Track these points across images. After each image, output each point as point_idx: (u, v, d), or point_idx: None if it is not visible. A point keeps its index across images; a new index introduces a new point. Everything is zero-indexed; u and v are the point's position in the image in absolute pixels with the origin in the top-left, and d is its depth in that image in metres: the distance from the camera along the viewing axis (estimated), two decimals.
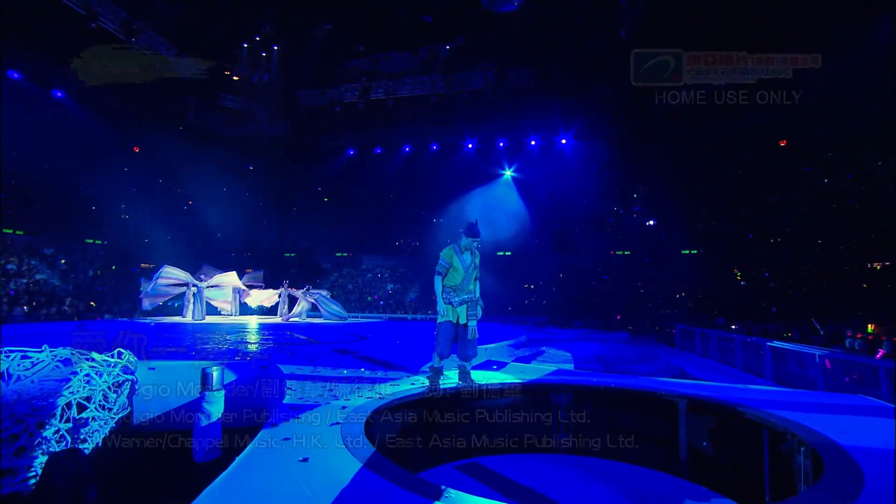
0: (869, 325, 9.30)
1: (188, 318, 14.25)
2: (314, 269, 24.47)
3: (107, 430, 5.43)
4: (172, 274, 14.06)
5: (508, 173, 24.67)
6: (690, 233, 23.66)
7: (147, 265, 21.16)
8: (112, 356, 5.81)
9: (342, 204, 25.77)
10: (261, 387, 5.42)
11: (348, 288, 24.02)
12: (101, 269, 19.71)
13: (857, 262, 19.19)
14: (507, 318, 19.77)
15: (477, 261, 5.47)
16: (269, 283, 17.74)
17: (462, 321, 5.23)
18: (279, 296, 16.13)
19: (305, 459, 2.88)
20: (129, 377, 5.88)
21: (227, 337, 9.79)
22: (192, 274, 14.65)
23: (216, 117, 19.86)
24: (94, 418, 5.23)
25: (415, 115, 19.60)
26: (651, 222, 26.12)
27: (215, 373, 4.79)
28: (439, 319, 5.25)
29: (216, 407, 4.73)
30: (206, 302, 14.35)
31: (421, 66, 16.74)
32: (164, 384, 6.20)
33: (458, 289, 5.27)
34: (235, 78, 18.05)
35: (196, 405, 4.68)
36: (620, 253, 25.59)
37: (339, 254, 26.09)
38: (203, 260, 18.47)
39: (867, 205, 19.52)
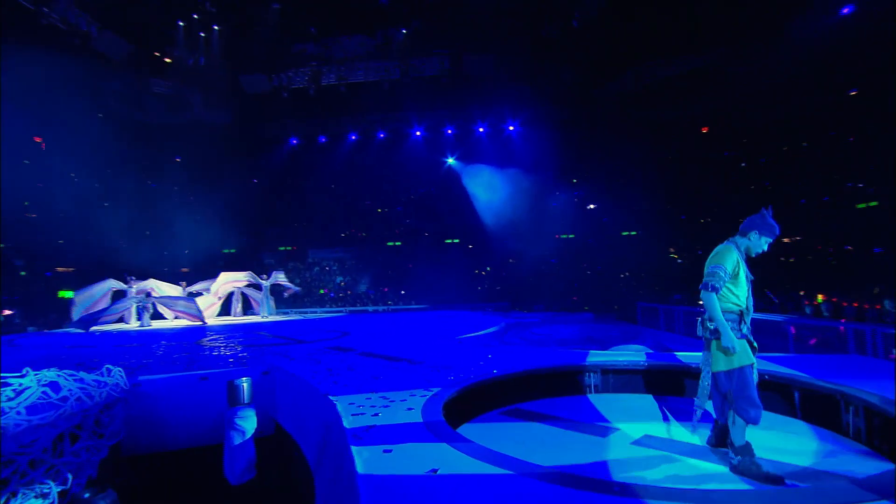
0: (819, 295, 10.36)
1: (132, 325, 12.93)
2: (256, 264, 23.12)
3: (97, 461, 4.75)
4: (114, 286, 12.79)
5: (451, 161, 24.67)
6: (629, 215, 24.87)
7: (64, 269, 18.89)
8: (101, 374, 5.08)
9: (285, 195, 24.49)
10: (278, 392, 4.96)
11: (296, 282, 22.95)
12: (5, 275, 17.28)
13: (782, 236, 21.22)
14: (465, 306, 19.87)
15: None
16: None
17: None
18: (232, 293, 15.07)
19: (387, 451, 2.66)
20: (121, 397, 5.17)
21: (200, 343, 8.94)
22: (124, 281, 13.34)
23: (144, 103, 17.87)
24: (87, 448, 4.55)
25: (367, 101, 18.90)
26: (592, 206, 27.24)
27: (245, 385, 4.30)
28: (736, 363, 3.27)
29: (249, 423, 4.26)
30: (154, 308, 13.08)
31: (375, 51, 16.07)
32: (162, 401, 5.56)
33: (746, 313, 3.41)
34: (168, 60, 16.24)
35: (227, 422, 4.17)
36: (565, 236, 26.51)
37: (283, 248, 24.86)
38: (129, 262, 16.81)
39: (778, 186, 21.61)
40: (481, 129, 22.52)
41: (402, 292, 22.64)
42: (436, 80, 17.18)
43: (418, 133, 22.50)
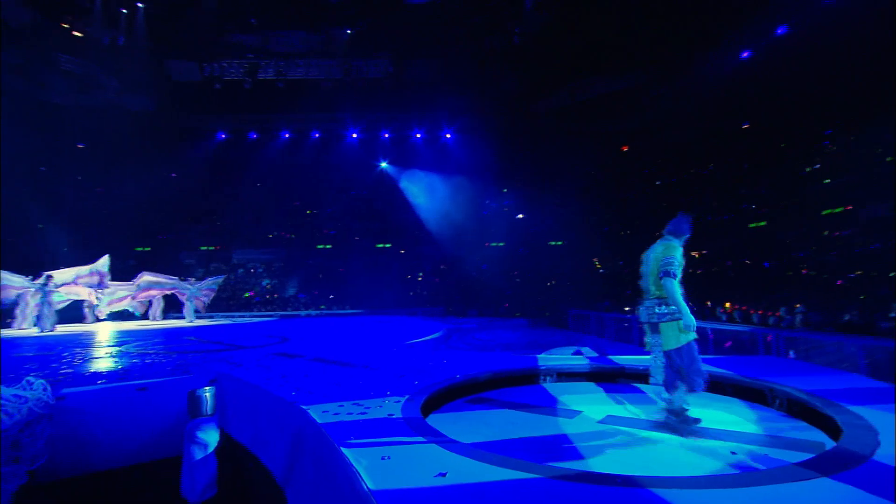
0: (726, 303, 11.56)
1: (29, 330, 11.44)
2: (174, 264, 21.42)
3: (12, 489, 4.22)
4: (11, 282, 11.19)
5: (384, 165, 24.59)
6: (556, 225, 26.07)
7: None
8: (21, 388, 4.49)
9: (208, 192, 22.97)
10: (228, 401, 4.69)
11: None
12: None
13: (691, 250, 23.28)
14: (400, 311, 19.76)
15: None
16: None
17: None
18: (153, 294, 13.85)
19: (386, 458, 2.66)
20: (44, 413, 4.61)
21: (125, 349, 8.14)
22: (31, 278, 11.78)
23: (47, 80, 15.84)
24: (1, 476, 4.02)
25: (305, 99, 18.25)
26: (521, 215, 28.25)
27: (209, 395, 4.04)
28: (680, 342, 3.74)
29: (212, 435, 4.00)
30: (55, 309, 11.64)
31: (318, 49, 15.57)
32: (92, 416, 5.02)
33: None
34: (79, 34, 14.52)
35: (187, 435, 3.88)
36: (496, 244, 27.26)
37: (205, 247, 23.26)
38: (25, 258, 14.91)
39: (689, 204, 23.78)
40: (418, 135, 22.65)
41: (332, 296, 22.07)
42: (378, 83, 17.00)
43: (354, 135, 22.16)
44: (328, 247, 24.99)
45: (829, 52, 13.98)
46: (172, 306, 15.51)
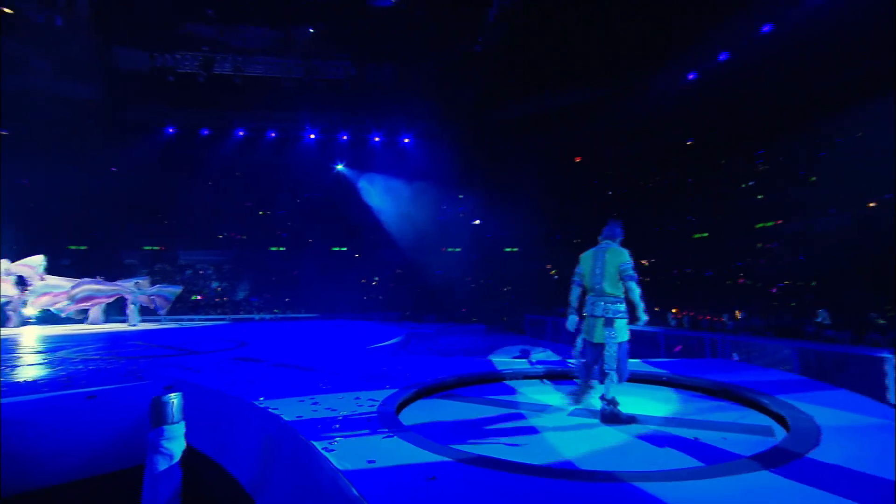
0: (674, 309, 12.21)
1: None
2: (114, 264, 20.16)
3: None
4: None
5: (341, 167, 24.29)
6: (510, 232, 26.54)
7: None
8: None
9: (154, 189, 21.74)
10: (186, 408, 4.53)
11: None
12: None
13: (639, 259, 24.27)
14: (356, 316, 19.52)
15: None
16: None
17: None
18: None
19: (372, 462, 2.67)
20: None
21: (65, 355, 7.60)
22: None
23: None
24: None
25: (262, 97, 17.68)
26: (476, 222, 28.57)
27: (174, 401, 3.88)
28: (625, 337, 4.27)
29: (178, 444, 3.84)
30: None
31: (278, 46, 15.15)
32: (33, 428, 4.67)
33: None
34: (7, 11, 13.26)
35: (150, 445, 3.70)
36: (451, 250, 27.44)
37: (149, 247, 22.03)
38: None
39: (638, 215, 24.90)
40: (377, 139, 22.50)
41: (286, 300, 21.47)
42: (338, 85, 16.76)
43: (311, 136, 21.70)
44: (281, 249, 24.32)
45: (763, 78, 15.14)
46: (114, 309, 14.59)
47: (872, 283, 10.86)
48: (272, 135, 21.41)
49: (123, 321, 13.85)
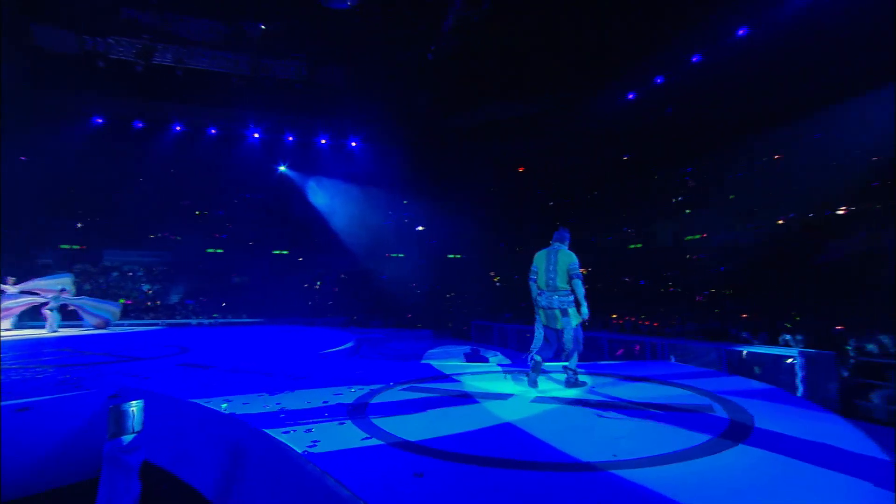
0: (612, 315, 12.92)
1: None
2: (26, 264, 18.37)
3: None
4: None
5: (284, 168, 23.67)
6: (455, 239, 26.84)
7: None
8: None
9: (74, 182, 20.05)
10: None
11: (84, 289, 18.95)
12: None
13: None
14: (300, 320, 19.00)
15: None
16: None
17: None
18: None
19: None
20: None
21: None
22: None
23: None
24: None
25: (205, 92, 16.79)
26: (421, 227, 28.70)
27: (135, 409, 3.69)
28: (578, 322, 5.25)
29: (137, 455, 3.66)
30: None
31: (226, 41, 14.46)
32: None
33: None
34: None
35: (107, 458, 3.50)
36: (396, 255, 27.39)
37: (67, 245, 20.26)
38: None
39: (578, 225, 26.05)
40: (324, 141, 22.08)
41: (224, 304, 20.51)
42: (288, 85, 16.30)
43: (256, 135, 20.93)
44: (220, 251, 23.22)
45: (693, 102, 16.42)
46: (26, 313, 13.29)
47: (782, 292, 12.08)
48: (213, 132, 20.42)
49: (39, 327, 12.66)
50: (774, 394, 4.93)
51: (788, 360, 6.85)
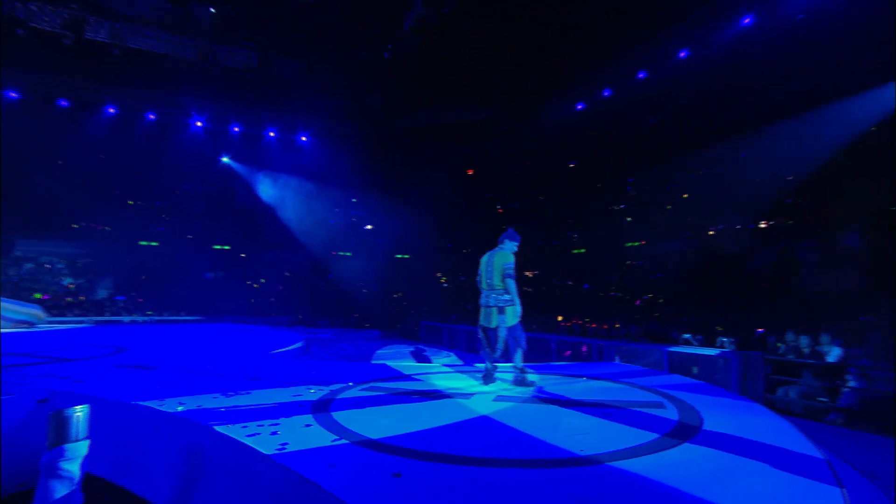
0: (559, 317, 13.39)
1: None
2: None
3: None
4: None
5: (227, 160, 22.68)
6: (403, 239, 26.73)
7: None
8: None
9: None
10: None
11: None
12: None
13: (524, 270, 25.93)
14: (244, 319, 18.21)
15: None
16: None
17: None
18: None
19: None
20: None
21: None
22: None
23: None
24: None
25: (144, 74, 15.66)
26: (369, 227, 28.38)
27: (80, 415, 3.44)
28: (514, 321, 5.34)
29: (79, 465, 3.41)
30: None
31: (173, 22, 13.51)
32: None
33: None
34: None
35: (45, 468, 3.22)
36: (343, 254, 26.93)
37: None
38: None
39: (524, 229, 26.66)
40: (272, 134, 21.32)
41: (159, 301, 19.28)
42: (237, 74, 15.56)
43: (199, 124, 19.84)
44: (155, 244, 21.81)
45: (636, 116, 17.38)
46: None
47: (713, 296, 13.03)
48: (152, 117, 19.14)
49: None
50: (713, 390, 5.33)
51: (723, 360, 7.41)
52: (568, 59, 15.83)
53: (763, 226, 15.13)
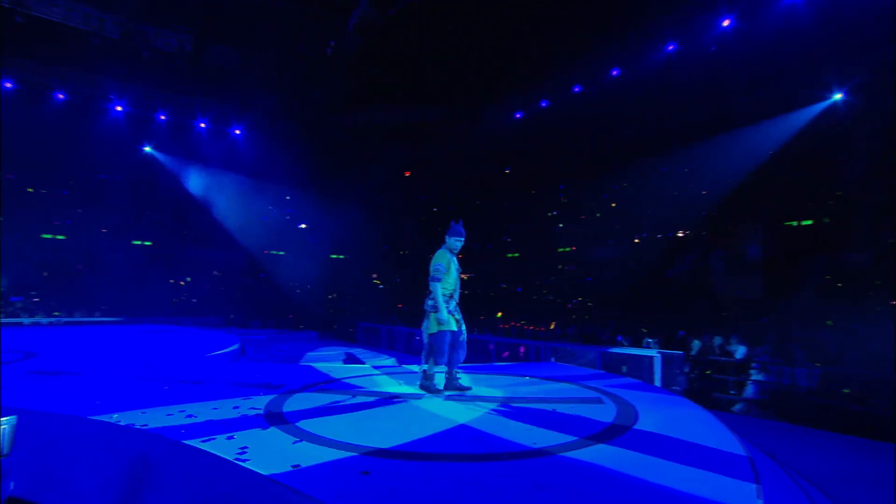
0: (498, 313, 13.81)
1: None
2: None
3: None
4: None
5: (149, 149, 21.21)
6: (338, 239, 26.26)
7: None
8: None
9: None
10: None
11: None
12: None
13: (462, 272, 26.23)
14: (165, 320, 17.08)
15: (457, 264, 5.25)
16: None
17: (456, 328, 5.05)
18: None
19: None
20: None
21: None
22: None
23: None
24: None
25: (56, 49, 14.19)
26: (303, 225, 27.63)
27: (5, 427, 3.18)
28: (435, 329, 4.90)
29: (3, 485, 3.17)
30: None
31: None
32: None
33: (453, 295, 5.06)
34: None
35: None
36: (276, 252, 26.06)
37: None
38: None
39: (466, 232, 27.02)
40: (203, 125, 20.16)
41: (66, 300, 17.58)
42: (167, 58, 14.53)
43: (119, 108, 18.32)
44: (61, 237, 19.87)
45: (571, 128, 18.25)
46: None
47: (638, 300, 14.05)
48: (61, 96, 17.41)
49: None
50: (643, 386, 5.81)
51: (648, 360, 8.05)
52: (509, 69, 16.38)
53: (681, 235, 16.50)
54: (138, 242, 21.88)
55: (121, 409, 4.07)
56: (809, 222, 13.66)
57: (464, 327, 5.16)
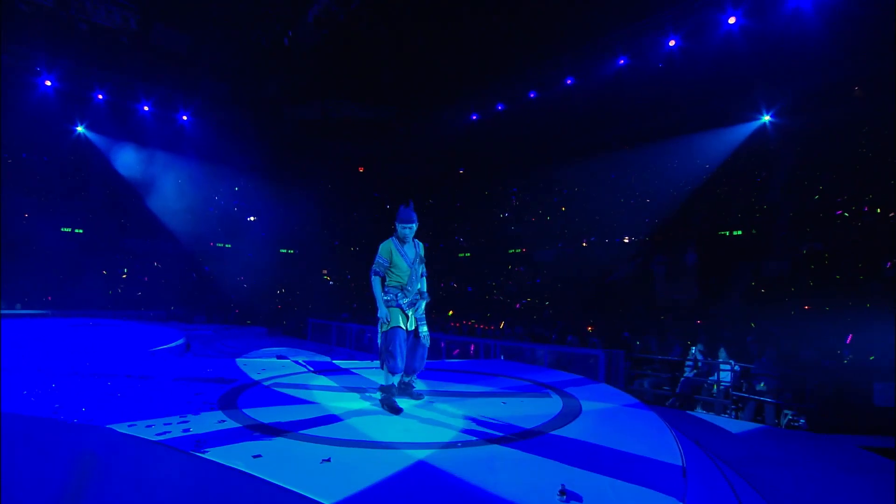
0: (450, 311, 14.00)
1: None
2: None
3: None
4: None
5: (81, 129, 19.89)
6: (288, 233, 25.68)
7: None
8: None
9: None
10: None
11: None
12: None
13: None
14: (99, 313, 16.07)
15: (421, 252, 4.72)
16: None
17: (412, 326, 4.52)
18: None
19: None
20: None
21: None
22: None
23: None
24: None
25: None
26: (252, 218, 26.81)
27: None
28: (384, 328, 4.37)
29: None
30: None
31: None
32: None
33: (406, 288, 4.46)
34: None
35: None
36: (221, 245, 25.14)
37: None
38: None
39: (418, 231, 27.08)
40: (147, 108, 19.07)
41: None
42: (109, 34, 13.65)
43: (48, 83, 16.99)
44: None
45: (524, 132, 18.75)
46: None
47: (584, 301, 14.69)
48: None
49: None
50: (585, 381, 6.16)
51: (592, 358, 8.49)
52: (468, 72, 16.65)
53: (626, 241, 17.38)
54: (68, 230, 20.44)
55: (59, 404, 3.90)
56: (739, 233, 14.82)
57: (424, 329, 4.63)
